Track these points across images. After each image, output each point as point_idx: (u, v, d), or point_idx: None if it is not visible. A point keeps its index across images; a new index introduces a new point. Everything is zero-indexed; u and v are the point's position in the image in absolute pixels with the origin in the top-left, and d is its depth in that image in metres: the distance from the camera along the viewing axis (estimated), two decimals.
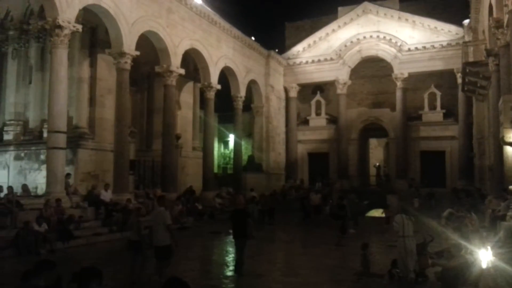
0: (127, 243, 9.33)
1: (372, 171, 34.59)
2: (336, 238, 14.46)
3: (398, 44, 29.16)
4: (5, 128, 19.93)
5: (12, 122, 19.86)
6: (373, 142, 37.19)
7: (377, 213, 20.64)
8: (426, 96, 29.96)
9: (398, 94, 29.47)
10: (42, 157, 18.02)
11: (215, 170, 31.40)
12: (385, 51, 29.86)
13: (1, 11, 20.09)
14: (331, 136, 32.58)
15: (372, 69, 32.65)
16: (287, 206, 24.64)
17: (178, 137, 22.95)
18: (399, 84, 29.30)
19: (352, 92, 32.37)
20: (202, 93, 25.30)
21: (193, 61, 24.55)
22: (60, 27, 15.11)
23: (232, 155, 33.42)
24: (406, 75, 29.08)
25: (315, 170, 32.28)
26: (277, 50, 32.21)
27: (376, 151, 38.00)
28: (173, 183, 21.18)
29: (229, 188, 25.94)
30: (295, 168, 32.70)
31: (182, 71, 21.62)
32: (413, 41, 28.94)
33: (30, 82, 19.90)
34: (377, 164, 34.75)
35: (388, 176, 31.11)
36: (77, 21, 16.11)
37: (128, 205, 16.09)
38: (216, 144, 37.06)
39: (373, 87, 33.18)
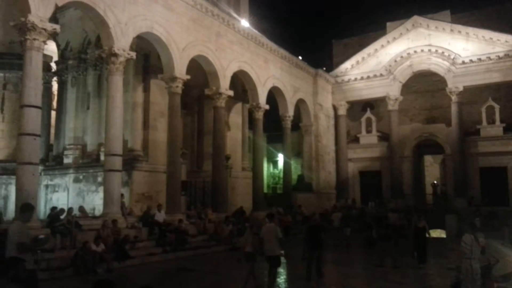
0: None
1: (429, 189, 33.19)
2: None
3: (451, 57, 28.18)
4: (65, 152, 20.99)
5: (71, 146, 20.90)
6: (428, 159, 35.85)
7: (434, 233, 19.63)
8: (483, 110, 28.64)
9: (454, 108, 28.34)
10: (99, 179, 18.76)
11: (265, 190, 31.36)
12: (437, 64, 28.94)
13: (61, 42, 21.45)
14: (383, 154, 31.72)
15: (424, 84, 31.75)
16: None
17: (227, 158, 23.20)
18: (454, 98, 28.21)
19: (404, 108, 31.52)
20: (251, 113, 25.55)
21: (241, 83, 24.91)
22: (115, 55, 15.85)
23: (281, 174, 33.26)
24: (461, 88, 27.96)
25: (367, 189, 31.46)
26: (324, 68, 32.08)
27: (432, 169, 36.53)
28: (223, 204, 21.32)
29: (279, 208, 25.73)
30: (346, 187, 32.02)
31: (231, 93, 21.96)
32: (467, 53, 27.85)
33: (88, 108, 20.93)
34: (434, 182, 33.33)
35: (445, 195, 29.71)
36: (131, 48, 16.84)
37: (181, 226, 16.32)
38: (265, 164, 37.10)
39: (426, 102, 32.17)
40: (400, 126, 30.63)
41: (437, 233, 26.85)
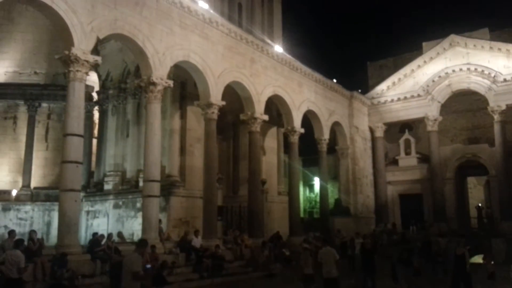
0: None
1: (473, 212, 31.82)
2: None
3: (492, 75, 27.34)
4: (106, 179, 21.58)
5: (111, 173, 21.47)
6: (471, 180, 34.52)
7: (478, 259, 18.59)
8: None
9: (496, 128, 27.31)
10: (138, 205, 19.10)
11: (301, 214, 30.94)
12: (477, 83, 28.12)
13: (102, 72, 22.37)
14: (423, 176, 30.78)
15: (464, 103, 30.88)
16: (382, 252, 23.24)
17: (263, 182, 23.15)
18: (496, 117, 27.22)
19: (444, 129, 30.67)
20: (286, 137, 25.51)
21: (276, 107, 25.03)
22: (154, 83, 16.33)
23: (317, 198, 32.82)
24: (503, 107, 26.97)
25: (408, 213, 30.46)
26: (360, 91, 31.79)
27: (476, 191, 35.11)
28: (259, 229, 21.17)
29: (316, 233, 25.29)
30: (386, 211, 31.13)
31: (266, 117, 22.08)
32: (509, 70, 26.93)
33: (127, 136, 21.54)
34: (479, 204, 31.94)
35: (491, 218, 28.37)
36: (169, 77, 17.35)
37: (218, 251, 16.28)
38: (301, 188, 36.73)
39: (467, 122, 31.23)
40: (440, 147, 29.74)
41: (480, 259, 25.56)
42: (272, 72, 22.93)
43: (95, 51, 15.83)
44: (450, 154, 30.39)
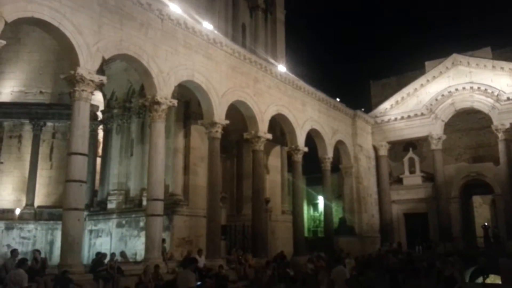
0: None
1: (479, 231, 31.46)
2: None
3: (495, 93, 27.40)
4: (109, 198, 21.55)
5: (115, 191, 21.46)
6: (476, 199, 34.22)
7: (488, 279, 18.32)
8: None
9: (501, 146, 27.24)
10: (141, 224, 19.03)
11: (305, 233, 30.71)
12: (481, 102, 28.17)
13: (107, 92, 22.57)
14: (428, 195, 30.58)
15: (468, 122, 30.92)
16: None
17: (267, 201, 23.03)
18: (500, 135, 27.18)
19: (448, 147, 30.62)
20: (290, 156, 25.51)
21: (279, 126, 25.08)
22: (158, 103, 16.45)
23: (322, 217, 32.56)
24: (507, 125, 26.95)
25: (413, 232, 30.16)
26: (363, 109, 31.88)
27: (482, 210, 34.75)
28: (263, 248, 20.99)
29: (321, 252, 25.00)
30: (391, 230, 30.84)
31: (270, 136, 22.11)
32: None
33: (131, 154, 21.60)
34: (485, 224, 31.61)
35: (498, 237, 28.02)
36: (173, 96, 17.47)
37: (221, 272, 16.11)
38: (305, 207, 36.54)
39: (471, 141, 31.19)
40: (445, 166, 29.64)
41: (491, 279, 25.20)
42: (276, 91, 23.07)
43: (101, 70, 16.02)
44: (454, 173, 30.24)
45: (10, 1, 12.23)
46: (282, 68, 24.17)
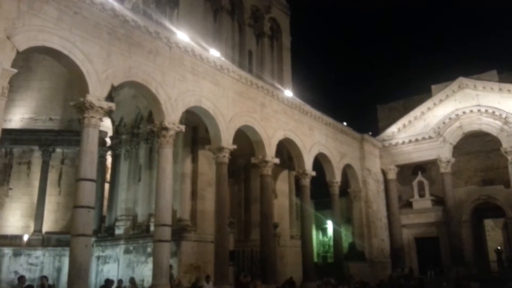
0: None
1: (492, 256, 30.82)
2: None
3: (503, 116, 27.32)
4: (117, 223, 21.50)
5: (123, 217, 21.42)
6: (488, 223, 33.67)
7: None
8: None
9: (511, 169, 26.94)
10: (149, 249, 18.89)
11: (315, 259, 30.25)
12: (489, 124, 28.06)
13: (116, 118, 22.82)
14: (439, 219, 30.15)
15: (477, 145, 30.75)
16: None
17: (275, 226, 22.83)
18: (510, 158, 26.96)
19: (458, 170, 30.37)
20: (297, 180, 25.39)
21: (287, 150, 25.08)
22: (166, 129, 16.58)
23: (331, 242, 32.18)
24: None
25: (424, 257, 29.63)
26: (370, 133, 31.86)
27: (494, 233, 34.14)
28: (272, 274, 20.68)
29: (331, 278, 24.57)
30: (402, 255, 30.33)
31: (277, 161, 22.09)
32: None
33: (139, 180, 21.65)
34: (498, 248, 30.99)
35: (511, 261, 27.42)
36: (181, 122, 17.63)
37: None
38: (314, 232, 36.10)
39: (480, 163, 30.93)
40: (454, 189, 29.31)
41: None
42: (283, 116, 23.18)
43: (109, 97, 16.27)
44: (465, 196, 29.86)
45: (22, 30, 12.56)
46: (288, 93, 24.35)
